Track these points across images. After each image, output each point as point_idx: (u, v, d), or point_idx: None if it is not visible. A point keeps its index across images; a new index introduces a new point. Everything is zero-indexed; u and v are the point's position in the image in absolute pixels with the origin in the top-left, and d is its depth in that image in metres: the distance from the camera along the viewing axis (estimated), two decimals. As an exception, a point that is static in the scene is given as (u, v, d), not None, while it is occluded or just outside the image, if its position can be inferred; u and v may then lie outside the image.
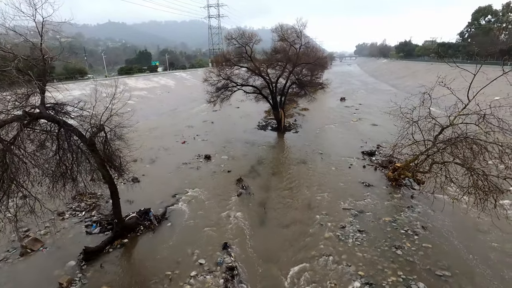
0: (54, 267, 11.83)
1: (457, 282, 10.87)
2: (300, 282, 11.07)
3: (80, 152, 11.56)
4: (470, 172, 12.68)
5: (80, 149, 11.61)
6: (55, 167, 11.12)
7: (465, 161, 13.34)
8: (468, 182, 12.80)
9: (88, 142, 11.77)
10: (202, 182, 19.69)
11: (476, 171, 12.59)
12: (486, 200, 12.05)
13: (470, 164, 13.08)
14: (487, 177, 12.32)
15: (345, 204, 16.46)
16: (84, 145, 11.77)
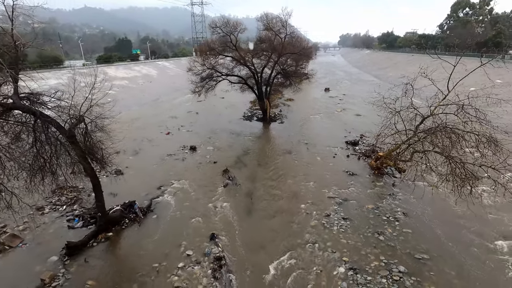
0: (35, 263, 11.46)
1: (435, 264, 11.46)
2: (287, 270, 11.30)
3: (59, 144, 11.08)
4: (449, 160, 13.23)
5: (59, 141, 11.13)
6: (33, 160, 10.62)
7: (444, 149, 13.88)
8: (447, 170, 13.37)
9: (68, 134, 11.30)
10: (187, 174, 19.49)
11: (454, 159, 13.14)
12: (463, 187, 12.66)
13: (448, 152, 13.62)
14: (464, 165, 12.91)
15: (330, 193, 16.81)
16: (63, 137, 11.28)
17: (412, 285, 10.48)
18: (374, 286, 10.42)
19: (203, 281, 10.80)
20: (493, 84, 19.37)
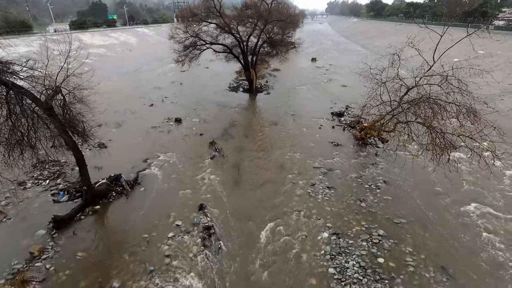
0: (22, 237, 11.40)
1: (411, 227, 12.29)
2: (274, 236, 11.82)
3: (36, 117, 10.54)
4: (430, 130, 13.68)
5: (36, 113, 10.58)
6: (9, 134, 10.12)
7: (426, 120, 14.29)
8: (427, 139, 13.86)
9: (45, 106, 10.73)
10: (174, 146, 19.29)
11: (435, 129, 13.60)
12: (441, 156, 13.26)
13: (430, 123, 14.04)
14: (444, 134, 13.41)
15: (315, 163, 17.21)
16: (40, 109, 10.71)
17: (390, 247, 11.27)
18: (355, 249, 11.13)
19: (193, 249, 11.16)
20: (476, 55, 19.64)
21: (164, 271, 10.24)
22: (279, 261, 10.74)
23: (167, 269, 10.31)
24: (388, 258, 10.76)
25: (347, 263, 10.50)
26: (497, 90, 27.42)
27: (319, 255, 10.93)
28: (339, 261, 10.60)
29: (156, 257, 10.76)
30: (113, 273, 10.10)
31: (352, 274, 10.08)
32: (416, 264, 10.56)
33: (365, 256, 10.83)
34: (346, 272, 10.16)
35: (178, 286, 9.72)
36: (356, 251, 11.03)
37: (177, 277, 10.04)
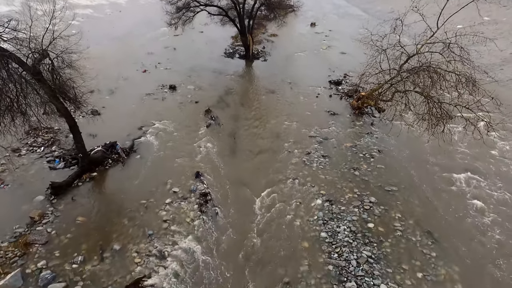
0: (21, 203, 11.58)
1: (402, 194, 12.71)
2: (269, 203, 12.18)
3: (24, 82, 10.16)
4: (427, 99, 13.59)
5: (24, 78, 10.19)
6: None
7: (424, 89, 14.12)
8: (424, 109, 13.82)
9: (32, 71, 10.30)
10: (169, 114, 19.01)
11: (433, 99, 13.51)
12: (437, 126, 13.33)
13: (428, 92, 13.91)
14: (441, 104, 13.36)
15: (311, 132, 17.24)
16: (28, 74, 10.30)
17: (380, 213, 11.73)
18: (347, 215, 11.57)
19: (190, 214, 11.50)
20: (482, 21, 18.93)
21: (163, 235, 10.63)
22: (274, 226, 11.18)
23: (165, 233, 10.69)
24: (377, 223, 11.26)
25: (339, 228, 10.98)
26: (498, 60, 26.88)
27: (312, 220, 11.36)
28: (331, 226, 11.07)
29: (155, 222, 11.10)
30: (113, 237, 10.47)
31: (342, 238, 10.58)
32: (404, 229, 11.09)
33: (356, 222, 11.30)
34: (337, 236, 10.66)
35: (177, 249, 10.15)
36: (348, 216, 11.48)
37: (175, 240, 10.45)
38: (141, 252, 9.96)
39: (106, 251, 9.95)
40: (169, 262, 9.70)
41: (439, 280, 9.41)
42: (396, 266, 9.76)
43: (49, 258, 9.53)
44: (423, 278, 9.43)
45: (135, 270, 9.39)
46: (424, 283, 9.28)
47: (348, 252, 10.07)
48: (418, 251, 10.32)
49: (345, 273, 9.44)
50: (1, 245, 9.81)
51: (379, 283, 9.15)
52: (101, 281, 9.02)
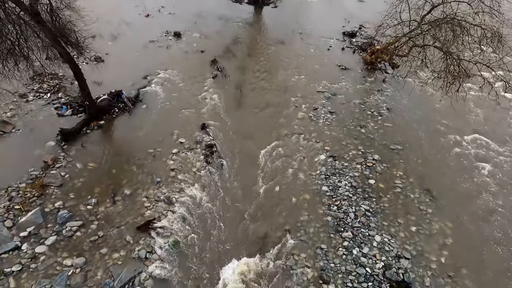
0: (34, 147, 11.95)
1: (406, 153, 12.78)
2: (273, 156, 12.40)
3: (23, 23, 9.73)
4: (446, 56, 12.81)
5: (23, 20, 9.73)
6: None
7: (444, 44, 13.23)
8: (441, 66, 13.12)
9: (30, 11, 9.79)
10: (174, 63, 18.43)
11: (452, 55, 12.72)
12: (452, 84, 12.77)
13: (448, 48, 13.05)
14: (461, 61, 12.61)
15: (320, 87, 16.75)
16: (26, 15, 9.81)
17: (382, 170, 11.94)
18: (349, 171, 11.81)
19: (196, 164, 11.85)
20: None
21: (170, 182, 11.11)
22: (277, 178, 11.54)
23: (172, 181, 11.16)
24: (378, 180, 11.53)
25: (340, 183, 11.30)
26: (530, 13, 24.60)
27: (314, 174, 11.66)
28: (333, 181, 11.39)
29: (162, 170, 11.52)
30: (123, 182, 10.98)
31: (343, 192, 10.96)
32: (404, 186, 11.38)
33: (357, 177, 11.58)
34: (338, 190, 11.03)
35: (183, 196, 10.69)
36: (350, 172, 11.73)
37: (182, 188, 10.95)
38: (150, 198, 10.53)
39: (117, 195, 10.53)
40: (176, 208, 10.30)
41: (432, 234, 9.94)
42: (392, 220, 10.24)
43: (65, 199, 10.17)
44: (416, 231, 9.95)
45: (145, 213, 10.03)
46: (417, 236, 9.82)
47: (347, 205, 10.51)
48: (415, 207, 10.71)
49: (342, 224, 9.97)
50: (20, 185, 10.40)
51: (374, 234, 9.70)
52: (114, 222, 9.72)
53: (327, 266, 8.85)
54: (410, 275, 8.64)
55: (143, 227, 9.59)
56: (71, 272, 8.25)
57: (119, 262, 8.64)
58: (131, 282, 8.25)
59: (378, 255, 9.11)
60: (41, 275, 8.11)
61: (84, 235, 9.22)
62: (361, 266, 8.84)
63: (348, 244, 9.38)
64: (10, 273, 8.06)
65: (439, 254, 9.36)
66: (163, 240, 9.31)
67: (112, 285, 8.08)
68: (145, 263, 8.69)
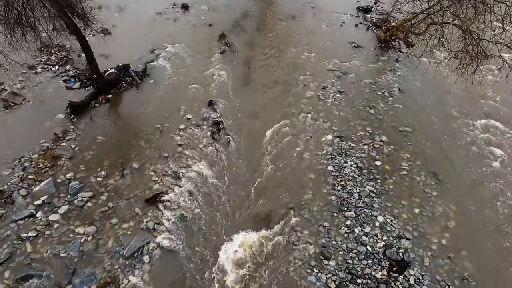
0: (44, 119, 12.14)
1: (414, 136, 12.61)
2: (280, 135, 12.38)
3: (28, -8, 9.56)
4: (465, 34, 12.20)
5: (28, -12, 9.54)
6: (4, 11, 9.46)
7: (464, 23, 12.55)
8: (459, 46, 12.55)
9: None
10: (181, 37, 18.03)
11: (472, 34, 12.11)
12: (469, 65, 12.27)
13: (468, 26, 12.40)
14: (480, 41, 12.01)
15: (330, 65, 16.30)
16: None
17: (389, 152, 11.86)
18: (356, 152, 11.77)
19: (203, 141, 11.94)
20: None
21: (177, 158, 11.28)
22: (283, 157, 11.59)
23: (179, 157, 11.33)
24: (385, 162, 11.48)
25: (346, 163, 11.31)
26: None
27: (320, 154, 11.66)
28: (338, 161, 11.39)
29: (169, 146, 11.66)
30: (131, 156, 11.19)
31: (348, 173, 10.99)
32: (410, 169, 11.33)
33: (363, 159, 11.54)
34: (343, 171, 11.06)
35: (190, 171, 10.88)
36: (356, 153, 11.69)
37: (189, 163, 11.13)
38: (158, 172, 10.75)
39: (126, 168, 10.77)
40: (183, 182, 10.52)
41: (435, 216, 10.01)
42: (396, 202, 10.31)
43: (75, 171, 10.47)
44: (419, 213, 10.03)
45: (153, 187, 10.30)
46: (420, 218, 9.92)
47: (351, 186, 10.58)
48: (420, 189, 10.72)
49: (346, 203, 10.10)
50: (32, 156, 10.71)
51: (377, 214, 9.82)
52: (123, 194, 10.03)
53: (328, 243, 9.08)
54: (410, 254, 8.83)
55: (151, 200, 9.88)
56: (83, 240, 8.66)
57: (128, 232, 9.01)
58: (140, 251, 8.64)
59: (379, 234, 9.28)
60: (56, 241, 8.55)
61: (94, 206, 9.58)
62: (362, 244, 9.04)
63: (351, 223, 9.55)
64: (26, 238, 8.51)
65: (441, 236, 9.49)
66: (170, 213, 9.62)
67: (122, 253, 8.48)
68: (153, 234, 9.05)
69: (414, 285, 8.24)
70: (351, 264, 8.60)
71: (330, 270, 8.49)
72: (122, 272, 8.17)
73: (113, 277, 8.03)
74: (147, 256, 8.55)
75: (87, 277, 7.93)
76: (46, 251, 8.30)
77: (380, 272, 8.46)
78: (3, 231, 8.57)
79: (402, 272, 8.47)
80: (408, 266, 8.60)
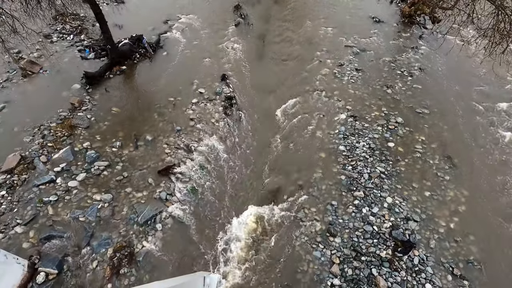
0: (61, 89, 12.36)
1: (432, 118, 12.20)
2: (293, 112, 12.25)
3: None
4: (499, 10, 11.29)
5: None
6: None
7: (499, -4, 11.58)
8: (490, 23, 11.68)
9: None
10: (195, 8, 17.54)
11: (505, 10, 11.20)
12: (498, 45, 11.49)
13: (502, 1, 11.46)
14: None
15: (349, 41, 15.62)
16: None
17: (403, 134, 11.59)
18: (369, 132, 11.55)
19: (215, 116, 11.96)
20: None
21: (189, 132, 11.40)
22: (294, 135, 11.54)
23: (192, 130, 11.44)
24: (398, 143, 11.26)
25: (358, 144, 11.16)
26: None
27: (333, 133, 11.53)
28: (351, 141, 11.25)
29: (182, 119, 11.76)
30: (145, 128, 11.38)
31: (360, 153, 10.87)
32: (424, 152, 11.09)
33: (376, 140, 11.34)
34: (355, 151, 10.95)
35: (202, 145, 11.03)
36: (370, 134, 11.48)
37: (201, 137, 11.25)
38: (170, 145, 10.95)
39: (139, 140, 11.01)
40: (195, 156, 10.72)
41: (445, 200, 9.92)
42: (406, 184, 10.23)
43: (92, 141, 10.79)
44: (430, 196, 9.95)
45: (165, 159, 10.54)
46: (429, 201, 9.85)
47: (362, 166, 10.50)
48: (432, 173, 10.56)
49: (355, 183, 10.10)
50: (51, 125, 11.06)
51: (386, 195, 9.81)
52: (137, 164, 10.34)
53: (335, 221, 9.23)
54: (416, 236, 8.90)
55: (163, 171, 10.16)
56: (100, 206, 9.11)
57: (142, 200, 9.40)
58: (153, 219, 9.04)
59: (387, 215, 9.33)
60: (75, 206, 9.03)
61: (110, 175, 9.95)
62: (369, 224, 9.14)
63: (359, 203, 9.60)
64: (48, 202, 9.03)
65: (449, 220, 9.45)
66: (182, 185, 9.91)
67: (137, 220, 8.92)
68: (166, 204, 9.41)
69: (418, 265, 8.37)
70: (357, 242, 8.77)
71: (335, 247, 8.70)
72: (137, 238, 8.63)
73: (128, 242, 8.51)
74: (160, 224, 8.96)
75: (104, 240, 8.43)
76: (66, 215, 8.81)
77: (384, 251, 8.61)
78: (27, 194, 9.09)
79: (406, 252, 8.59)
80: (414, 247, 8.70)
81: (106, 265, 7.99)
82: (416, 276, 8.17)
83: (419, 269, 8.28)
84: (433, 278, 8.14)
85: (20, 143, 10.24)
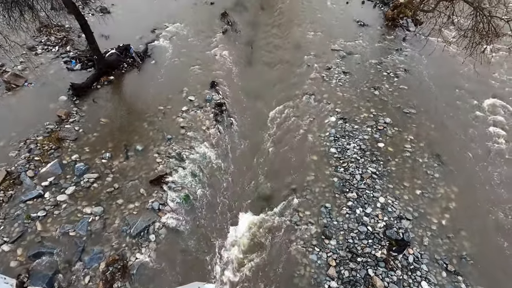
0: (47, 101, 12.12)
1: (419, 117, 12.47)
2: (283, 116, 12.32)
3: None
4: (477, 12, 11.75)
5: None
6: (1, -10, 9.22)
7: None
8: (469, 24, 12.12)
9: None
10: (182, 16, 17.58)
11: (483, 11, 11.65)
12: (478, 44, 11.90)
13: (479, 3, 11.91)
14: (491, 18, 11.58)
15: (335, 45, 15.91)
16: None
17: (392, 134, 11.79)
18: (359, 133, 11.71)
19: (206, 123, 11.93)
20: None
21: (181, 140, 11.32)
22: (286, 139, 11.60)
23: (183, 138, 11.36)
24: (388, 144, 11.45)
25: (349, 145, 11.29)
26: None
27: (323, 136, 11.63)
28: (341, 143, 11.37)
29: (172, 128, 11.67)
30: (135, 138, 11.24)
31: (351, 155, 11.00)
32: (413, 151, 11.30)
33: (366, 141, 11.51)
34: (346, 153, 11.07)
35: (194, 152, 10.96)
36: (360, 135, 11.64)
37: (192, 145, 11.18)
38: (161, 154, 10.84)
39: (130, 150, 10.86)
40: (187, 164, 10.62)
41: (436, 198, 10.09)
42: (398, 183, 10.37)
43: (80, 153, 10.58)
44: (420, 195, 10.10)
45: (157, 168, 10.41)
46: (421, 199, 10.01)
47: (354, 168, 10.61)
48: (422, 171, 10.74)
49: (348, 185, 10.18)
50: (37, 138, 10.81)
51: (379, 195, 9.92)
52: (128, 175, 10.17)
53: (330, 223, 9.25)
54: (410, 234, 9.00)
55: (155, 181, 10.03)
56: (91, 219, 8.90)
57: (134, 212, 9.23)
58: (146, 230, 8.88)
59: (380, 215, 9.42)
60: (64, 221, 8.80)
61: (100, 187, 9.75)
62: (363, 224, 9.21)
63: (352, 204, 9.67)
64: (36, 217, 8.76)
65: (441, 217, 9.61)
66: (174, 194, 9.79)
67: (129, 231, 8.74)
68: (158, 214, 9.26)
69: (413, 263, 8.44)
70: (352, 243, 8.80)
71: (331, 249, 8.71)
72: (130, 250, 8.44)
73: (121, 255, 8.32)
74: (153, 235, 8.81)
75: (96, 255, 8.21)
76: (55, 230, 8.56)
77: (380, 251, 8.66)
78: (13, 211, 8.81)
79: (401, 251, 8.66)
80: (408, 246, 8.79)
81: (99, 280, 7.77)
82: (411, 274, 8.24)
83: (414, 267, 8.35)
84: (428, 275, 8.21)
85: (6, 158, 9.96)
